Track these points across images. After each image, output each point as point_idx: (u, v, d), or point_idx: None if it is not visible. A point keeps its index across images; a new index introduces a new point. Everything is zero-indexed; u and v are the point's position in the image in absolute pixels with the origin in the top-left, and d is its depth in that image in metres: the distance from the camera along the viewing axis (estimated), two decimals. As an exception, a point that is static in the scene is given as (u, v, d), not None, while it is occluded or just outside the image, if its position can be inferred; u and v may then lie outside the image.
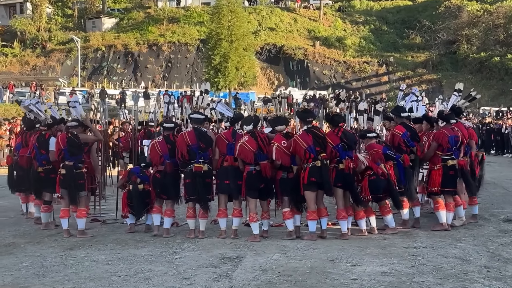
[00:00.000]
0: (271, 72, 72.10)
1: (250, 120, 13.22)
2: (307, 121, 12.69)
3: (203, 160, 12.75)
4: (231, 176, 12.70)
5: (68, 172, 13.22)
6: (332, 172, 12.47)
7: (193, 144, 12.70)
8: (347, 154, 12.58)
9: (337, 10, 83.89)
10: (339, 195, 12.67)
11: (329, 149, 12.45)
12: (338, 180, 12.50)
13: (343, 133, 12.70)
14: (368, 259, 10.76)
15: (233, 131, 13.13)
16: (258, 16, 77.90)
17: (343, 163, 12.44)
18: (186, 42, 75.15)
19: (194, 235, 12.87)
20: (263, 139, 12.73)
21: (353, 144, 13.00)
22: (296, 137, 12.56)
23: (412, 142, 13.63)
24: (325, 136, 12.65)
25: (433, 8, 76.33)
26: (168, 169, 12.99)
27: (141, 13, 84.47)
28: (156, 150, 13.17)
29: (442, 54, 68.47)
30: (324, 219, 12.74)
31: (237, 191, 12.73)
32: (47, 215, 14.52)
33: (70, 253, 11.74)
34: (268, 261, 10.76)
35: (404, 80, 64.41)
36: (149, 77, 72.61)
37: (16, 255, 11.74)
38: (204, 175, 12.75)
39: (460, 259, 10.72)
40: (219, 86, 54.58)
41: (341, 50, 72.50)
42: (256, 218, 12.61)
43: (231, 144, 12.74)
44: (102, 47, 76.69)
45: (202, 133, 12.92)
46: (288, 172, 12.69)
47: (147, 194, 13.67)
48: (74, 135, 13.39)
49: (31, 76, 69.69)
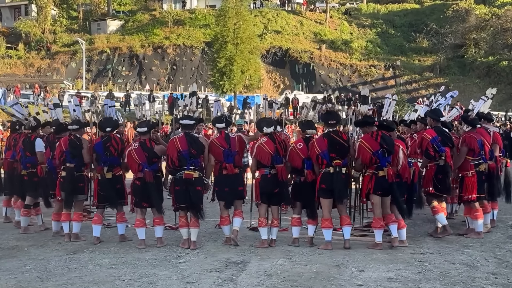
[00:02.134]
0: (276, 75, 72.11)
1: (271, 123, 12.73)
2: (329, 124, 12.30)
3: (193, 167, 12.20)
4: (231, 183, 12.43)
5: (69, 174, 13.09)
6: (371, 179, 12.05)
7: (184, 150, 12.16)
8: (387, 160, 12.02)
9: (344, 13, 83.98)
10: (376, 204, 12.07)
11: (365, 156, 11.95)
12: (378, 188, 11.97)
13: (382, 138, 12.00)
14: (374, 265, 10.67)
15: (226, 135, 12.65)
16: (264, 19, 77.99)
17: (383, 171, 11.93)
18: (191, 45, 75.25)
19: (187, 245, 12.27)
20: (280, 142, 12.43)
21: (392, 148, 12.13)
22: (313, 141, 12.28)
23: (442, 148, 12.97)
24: (345, 142, 12.16)
25: (441, 12, 76.42)
26: (147, 178, 12.38)
27: (146, 16, 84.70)
28: (132, 158, 12.52)
29: (449, 58, 68.40)
30: (347, 227, 12.25)
31: (239, 197, 12.59)
32: (26, 219, 14.46)
33: (74, 257, 11.68)
34: (273, 266, 10.69)
35: (411, 84, 64.38)
36: (154, 79, 72.66)
37: (20, 258, 11.68)
38: (194, 182, 12.16)
39: (467, 266, 10.63)
40: (224, 89, 54.55)
41: (348, 54, 72.52)
42: (265, 223, 12.36)
43: (227, 151, 12.41)
44: (107, 49, 76.85)
45: (194, 139, 12.38)
46: (301, 176, 12.34)
47: (117, 179, 13.16)
48: (76, 138, 13.25)
49: (36, 79, 69.83)
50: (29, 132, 14.67)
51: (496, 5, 74.56)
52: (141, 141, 12.67)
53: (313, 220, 12.41)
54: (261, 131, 12.66)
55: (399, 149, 12.35)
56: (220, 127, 12.73)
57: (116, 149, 12.97)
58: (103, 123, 13.70)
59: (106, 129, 13.23)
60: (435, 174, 13.09)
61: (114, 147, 12.96)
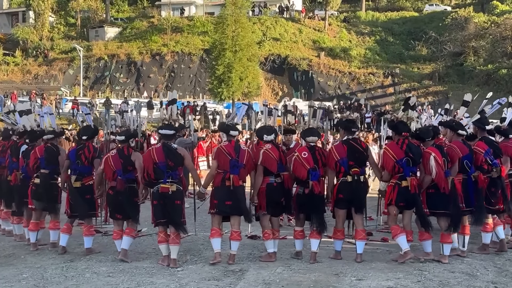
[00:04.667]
0: (275, 83, 72.14)
1: (271, 130, 12.28)
2: (352, 131, 11.90)
3: (171, 180, 11.41)
4: (234, 196, 11.51)
5: (43, 181, 12.93)
6: (394, 190, 11.39)
7: (161, 161, 11.41)
8: (411, 170, 11.36)
9: (343, 20, 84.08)
10: (394, 215, 11.56)
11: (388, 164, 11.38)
12: (400, 199, 11.34)
13: (408, 146, 11.38)
14: (374, 274, 10.61)
15: (236, 144, 11.86)
16: (263, 26, 78.05)
17: (407, 181, 11.25)
18: (189, 52, 75.29)
19: (167, 262, 11.52)
20: (283, 151, 12.16)
21: (418, 158, 11.45)
22: (332, 147, 12.02)
23: (496, 161, 12.26)
24: (364, 150, 11.76)
25: (440, 20, 76.59)
26: (119, 186, 11.96)
27: (145, 23, 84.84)
28: (109, 165, 12.07)
29: (448, 66, 68.45)
30: (361, 242, 11.67)
31: (240, 212, 11.61)
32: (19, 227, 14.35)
33: (71, 265, 11.64)
34: (271, 275, 10.64)
35: (410, 91, 64.43)
36: (152, 86, 72.68)
37: (17, 266, 11.64)
38: (172, 196, 11.39)
39: (467, 274, 10.58)
40: (223, 97, 54.60)
41: (346, 61, 72.54)
42: (271, 235, 11.76)
43: (234, 161, 11.57)
44: (104, 56, 76.88)
45: (171, 150, 11.59)
46: (305, 187, 11.66)
47: (87, 189, 12.68)
48: (53, 145, 13.20)
49: (33, 85, 69.91)
50: (17, 138, 14.60)
51: (495, 13, 74.63)
52: (119, 148, 12.38)
53: (318, 234, 11.69)
54: (261, 139, 12.33)
55: (431, 156, 11.46)
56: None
57: (87, 158, 12.72)
58: (81, 131, 13.58)
59: (82, 137, 13.05)
60: (487, 188, 12.26)
61: (85, 156, 12.71)
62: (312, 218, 11.68)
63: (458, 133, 12.20)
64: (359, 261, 11.53)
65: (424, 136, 11.99)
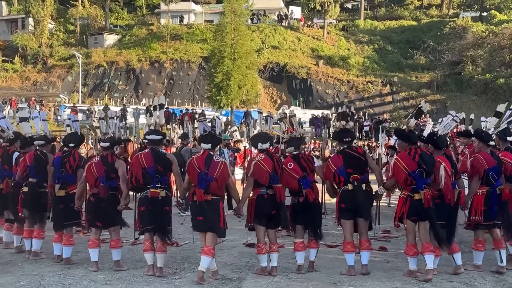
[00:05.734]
0: (273, 91, 72.03)
1: (266, 138, 11.76)
2: (344, 141, 11.66)
3: (160, 185, 11.24)
4: (205, 212, 10.79)
5: (31, 190, 12.81)
6: (406, 202, 10.82)
7: (150, 167, 11.24)
8: (424, 182, 10.74)
9: (341, 29, 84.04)
10: (410, 229, 10.91)
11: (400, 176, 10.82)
12: (412, 213, 10.74)
13: (421, 156, 10.78)
14: (371, 283, 10.61)
15: (208, 156, 11.12)
16: (262, 34, 77.96)
17: (420, 194, 10.65)
18: (188, 60, 75.16)
19: (152, 272, 11.26)
20: (278, 160, 11.60)
21: (431, 169, 10.85)
22: (328, 161, 11.67)
23: None
24: (362, 156, 11.41)
25: (438, 29, 76.58)
26: (101, 193, 11.71)
27: (144, 30, 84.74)
28: (91, 172, 11.82)
29: (446, 74, 68.35)
30: (366, 252, 11.35)
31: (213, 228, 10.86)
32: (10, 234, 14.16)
33: (68, 272, 11.60)
34: (269, 283, 10.63)
35: (408, 100, 64.43)
36: (151, 94, 72.50)
37: (14, 273, 11.60)
38: (161, 202, 11.22)
39: (465, 284, 10.59)
40: (221, 104, 54.57)
41: (345, 70, 72.44)
42: (265, 249, 11.29)
43: (202, 174, 10.87)
44: (103, 63, 76.71)
45: (160, 155, 11.44)
46: (299, 196, 11.44)
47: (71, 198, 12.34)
48: (42, 153, 13.03)
49: (32, 92, 69.80)
50: (7, 145, 14.46)
51: (493, 23, 74.64)
52: (103, 155, 12.18)
53: (315, 243, 11.56)
54: (255, 147, 11.86)
55: (441, 166, 11.06)
56: (206, 147, 11.27)
57: (72, 167, 12.50)
58: (67, 138, 13.36)
59: (69, 145, 12.84)
60: None
61: (70, 164, 12.49)
62: (308, 227, 11.50)
63: (488, 143, 11.88)
64: (364, 272, 11.22)
65: (442, 145, 11.64)
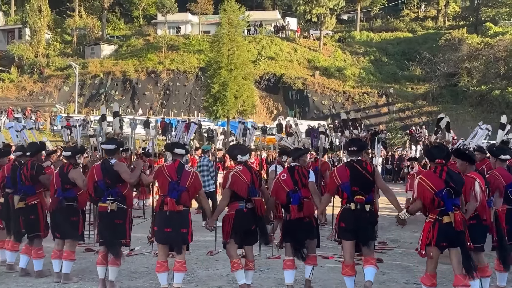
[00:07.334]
0: (270, 101, 72.07)
1: (245, 150, 11.21)
2: (350, 151, 10.72)
3: (111, 198, 10.86)
4: (174, 223, 10.40)
5: (6, 201, 12.60)
6: (434, 227, 9.46)
7: (99, 180, 10.97)
8: (453, 203, 9.43)
9: (337, 40, 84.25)
10: (435, 258, 9.63)
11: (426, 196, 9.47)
12: (442, 239, 9.42)
13: (448, 174, 9.52)
14: (368, 295, 10.52)
15: (179, 165, 10.74)
16: (258, 45, 78.13)
17: (449, 216, 9.35)
18: (185, 70, 75.28)
19: (102, 286, 10.98)
20: (255, 172, 11.07)
21: (460, 188, 9.58)
22: (334, 170, 10.85)
23: None
24: (370, 175, 10.37)
25: (434, 41, 76.68)
26: (53, 205, 11.71)
27: (140, 41, 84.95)
28: (52, 182, 11.86)
29: (442, 86, 68.42)
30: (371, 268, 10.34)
31: (181, 240, 10.53)
32: None
33: (63, 284, 11.52)
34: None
35: (404, 111, 64.49)
36: (147, 104, 72.61)
37: (8, 284, 11.59)
38: (111, 215, 10.84)
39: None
40: (218, 115, 54.58)
41: (341, 81, 72.50)
42: (241, 265, 10.72)
43: (174, 183, 10.50)
44: (100, 73, 76.88)
45: (108, 167, 11.02)
46: (287, 212, 10.89)
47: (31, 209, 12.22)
48: (20, 163, 12.67)
49: (28, 102, 69.79)
50: None
51: (488, 35, 74.75)
52: (62, 165, 12.08)
53: (311, 258, 10.91)
54: (234, 159, 11.21)
55: (475, 182, 10.09)
56: (179, 153, 10.89)
57: (26, 177, 12.29)
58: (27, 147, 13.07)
59: (26, 154, 12.70)
60: None
61: (24, 174, 12.28)
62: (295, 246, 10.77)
63: (500, 158, 11.37)
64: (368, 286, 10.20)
65: (474, 159, 10.71)
